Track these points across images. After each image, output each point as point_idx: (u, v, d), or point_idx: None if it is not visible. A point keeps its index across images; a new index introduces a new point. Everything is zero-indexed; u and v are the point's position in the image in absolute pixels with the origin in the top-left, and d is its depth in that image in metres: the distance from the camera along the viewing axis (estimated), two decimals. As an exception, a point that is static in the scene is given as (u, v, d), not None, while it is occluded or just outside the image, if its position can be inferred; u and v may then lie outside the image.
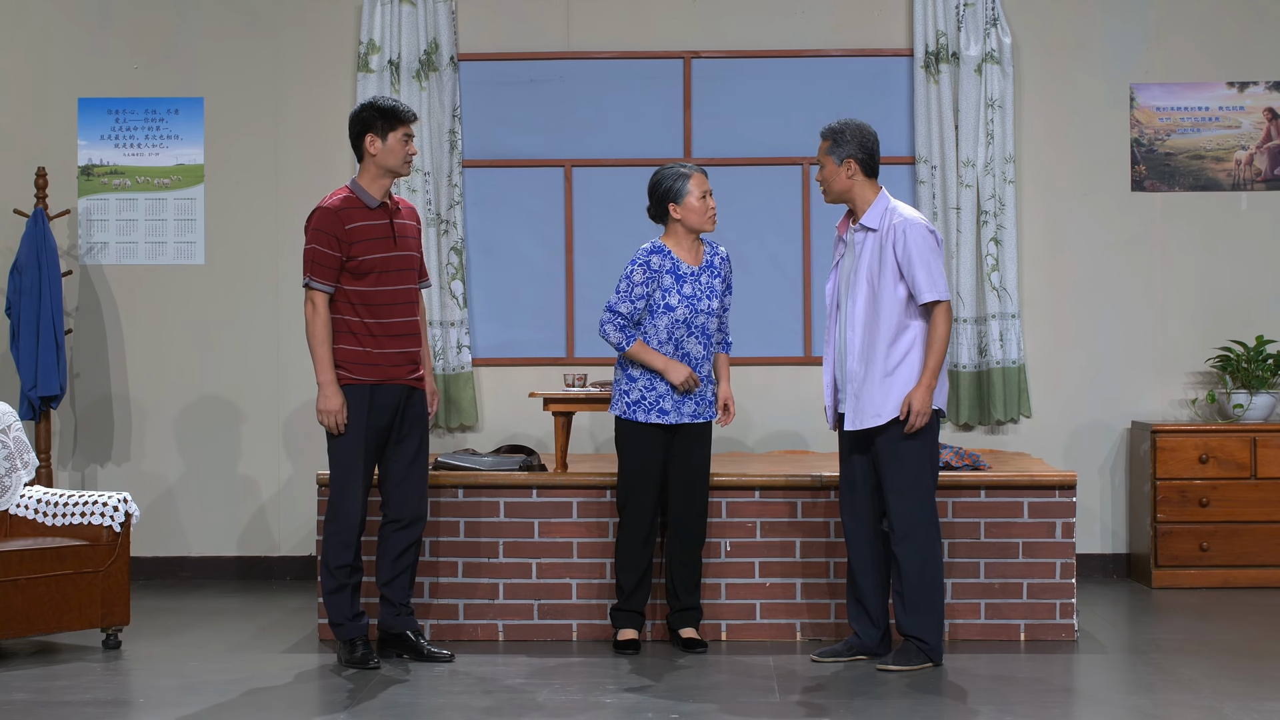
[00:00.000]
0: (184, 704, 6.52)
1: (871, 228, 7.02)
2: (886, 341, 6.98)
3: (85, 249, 9.54)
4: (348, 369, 7.12)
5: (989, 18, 9.32)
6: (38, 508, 7.69)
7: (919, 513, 7.02)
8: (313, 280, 7.09)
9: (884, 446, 7.03)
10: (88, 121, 9.56)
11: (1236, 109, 9.47)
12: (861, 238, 7.05)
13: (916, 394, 6.95)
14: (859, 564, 7.17)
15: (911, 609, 7.04)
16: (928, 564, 7.03)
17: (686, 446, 7.43)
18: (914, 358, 7.01)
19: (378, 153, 7.17)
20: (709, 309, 7.39)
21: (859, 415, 7.01)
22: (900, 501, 7.02)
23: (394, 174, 7.22)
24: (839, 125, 7.10)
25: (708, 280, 7.41)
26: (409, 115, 7.21)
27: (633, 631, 7.50)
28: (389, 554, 7.27)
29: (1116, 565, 9.45)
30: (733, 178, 9.50)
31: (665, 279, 7.37)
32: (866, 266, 7.00)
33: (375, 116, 7.18)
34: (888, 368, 6.97)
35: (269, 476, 9.53)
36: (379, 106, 7.20)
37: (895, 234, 6.98)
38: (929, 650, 7.06)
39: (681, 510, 7.44)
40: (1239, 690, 6.62)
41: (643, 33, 9.56)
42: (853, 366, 7.02)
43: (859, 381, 7.01)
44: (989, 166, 9.30)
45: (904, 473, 7.01)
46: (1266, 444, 9.02)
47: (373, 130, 7.17)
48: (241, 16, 9.56)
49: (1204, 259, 9.50)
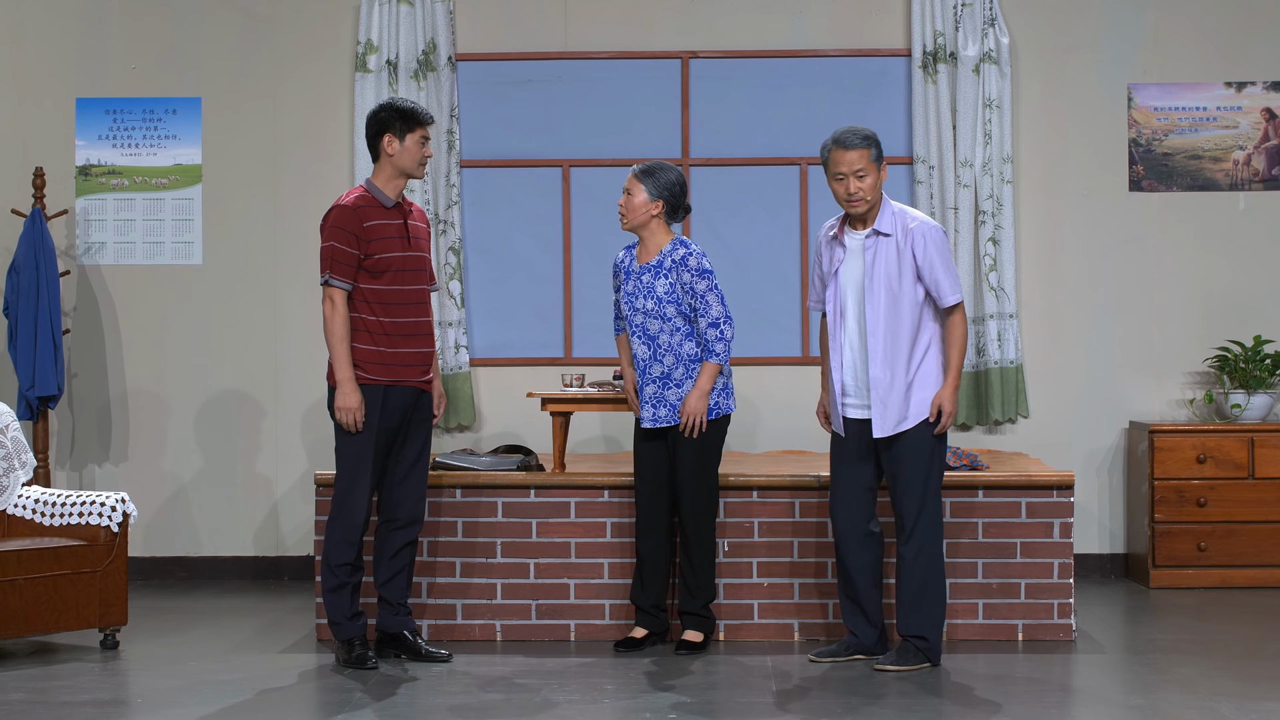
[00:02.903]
0: (182, 704, 6.52)
1: (886, 232, 7.01)
2: (909, 345, 6.99)
3: (83, 249, 9.54)
4: (363, 368, 7.12)
5: (987, 18, 9.33)
6: (35, 508, 7.69)
7: (927, 512, 7.03)
8: (332, 277, 7.09)
9: (901, 447, 7.03)
10: (85, 121, 9.56)
11: (1234, 109, 9.47)
12: (873, 242, 7.02)
13: (946, 396, 7.00)
14: (856, 565, 7.17)
15: (914, 608, 7.05)
16: (932, 563, 7.04)
17: (675, 452, 7.43)
18: (932, 359, 7.03)
19: (395, 153, 7.18)
20: (645, 309, 7.35)
21: (886, 420, 7.00)
22: (910, 501, 7.03)
23: (409, 175, 7.23)
24: (869, 132, 7.03)
25: (649, 279, 7.36)
26: (427, 118, 7.23)
27: (640, 630, 7.50)
28: (386, 554, 7.28)
29: (1114, 565, 9.45)
30: (730, 178, 9.51)
31: (619, 276, 7.49)
32: (884, 271, 6.98)
33: (394, 117, 7.19)
34: (911, 371, 6.99)
35: (267, 476, 9.53)
36: (398, 108, 7.21)
37: (914, 237, 6.97)
38: (928, 650, 7.06)
39: (680, 515, 7.46)
40: (1236, 690, 6.62)
41: (641, 33, 9.56)
42: (877, 373, 6.98)
43: (885, 387, 6.98)
44: (987, 166, 9.31)
45: (918, 473, 7.02)
46: (1264, 444, 9.02)
47: (390, 131, 7.18)
48: (239, 17, 9.55)
49: (1202, 259, 9.50)
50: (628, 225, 7.40)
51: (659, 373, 7.37)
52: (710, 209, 9.48)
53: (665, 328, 7.35)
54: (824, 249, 7.18)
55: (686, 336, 7.36)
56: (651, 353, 7.37)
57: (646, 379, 7.38)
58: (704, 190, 9.50)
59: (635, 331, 7.38)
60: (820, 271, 7.21)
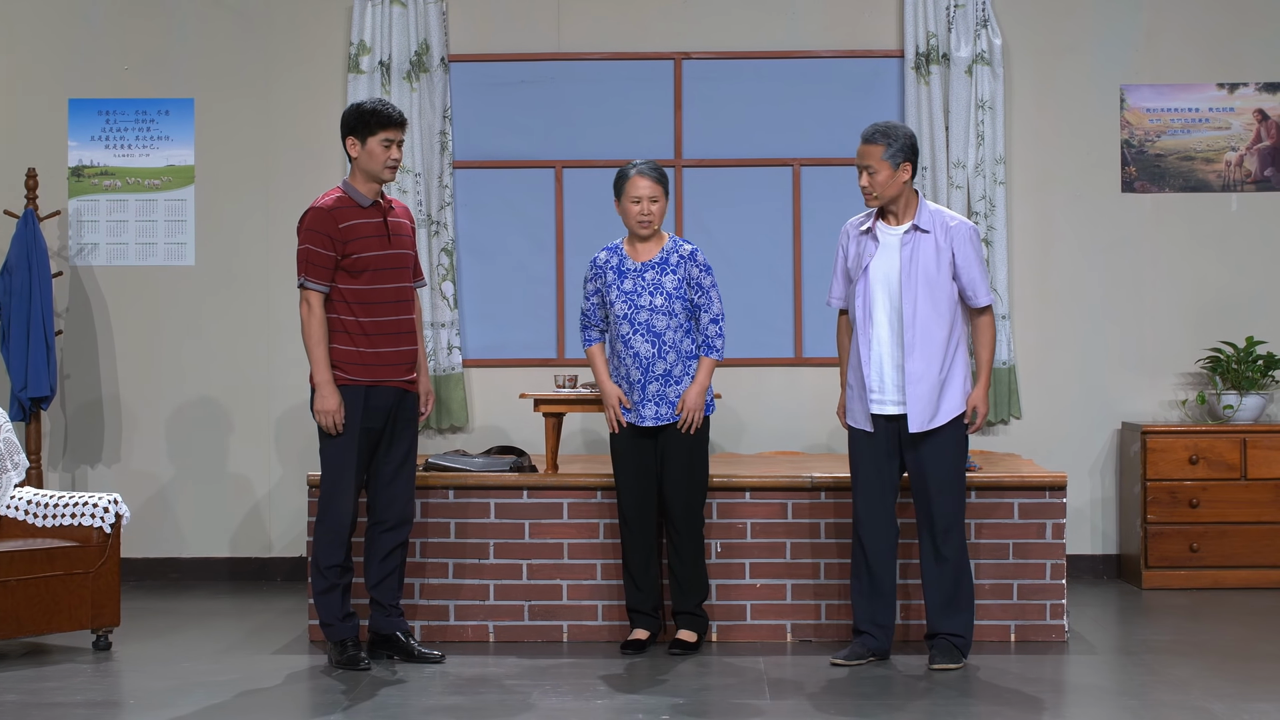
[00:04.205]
0: (175, 705, 6.52)
1: (925, 229, 7.02)
2: (944, 341, 7.02)
3: (75, 250, 9.53)
4: (343, 369, 7.10)
5: (979, 19, 9.33)
6: (28, 509, 7.68)
7: (959, 510, 7.09)
8: (307, 280, 7.07)
9: (933, 446, 7.05)
10: (78, 122, 9.55)
11: (1226, 110, 9.48)
12: (911, 238, 7.02)
13: (979, 396, 7.09)
14: (883, 565, 7.16)
15: (953, 607, 7.08)
16: (965, 560, 7.10)
17: (667, 449, 7.42)
18: (961, 357, 7.09)
19: (358, 157, 7.12)
20: (652, 306, 7.34)
21: (923, 415, 7.01)
22: (946, 500, 7.06)
23: (375, 179, 7.14)
24: (885, 128, 7.03)
25: (654, 277, 7.36)
26: (389, 120, 7.11)
27: (642, 632, 7.50)
28: (376, 556, 7.27)
29: (1106, 566, 9.46)
30: (723, 179, 9.51)
31: (609, 275, 7.40)
32: (923, 268, 7.00)
33: (355, 121, 7.12)
34: (945, 367, 7.02)
35: (260, 477, 9.53)
36: (360, 110, 7.13)
37: (953, 235, 7.02)
38: (964, 647, 7.09)
39: (669, 513, 7.44)
40: (1229, 691, 6.62)
41: (633, 34, 9.56)
42: (915, 367, 6.99)
43: (922, 381, 7.00)
44: (979, 167, 9.31)
45: (950, 471, 7.06)
46: (1256, 445, 9.03)
47: (354, 134, 7.12)
48: (232, 18, 9.55)
49: (1194, 260, 9.51)
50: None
51: (662, 370, 7.37)
52: (702, 210, 9.48)
53: (671, 324, 7.35)
54: (851, 243, 7.17)
55: (686, 333, 7.39)
56: (656, 350, 7.37)
57: (649, 376, 7.37)
58: (696, 191, 9.50)
59: (638, 330, 7.36)
60: (845, 266, 7.20)
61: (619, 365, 7.44)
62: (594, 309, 7.48)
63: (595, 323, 7.49)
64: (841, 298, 7.25)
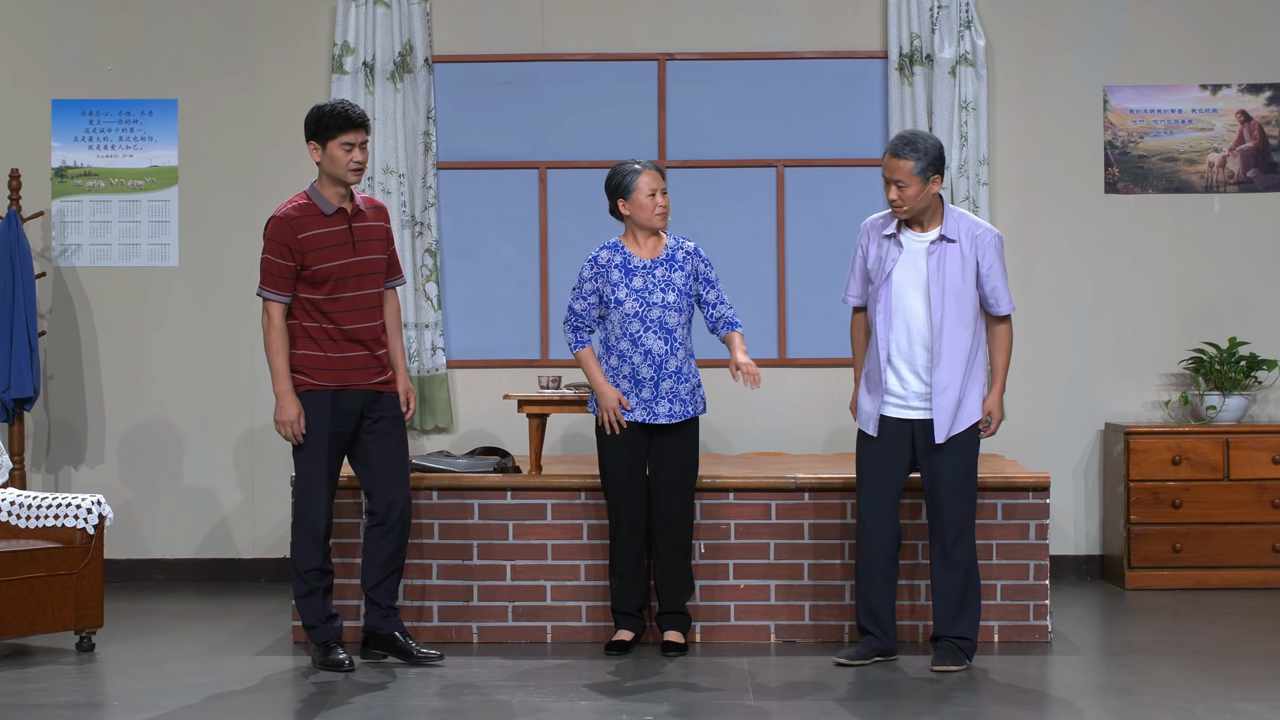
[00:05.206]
0: (158, 707, 6.51)
1: (951, 238, 7.00)
2: (968, 349, 7.03)
3: (59, 251, 9.52)
4: (308, 374, 7.07)
5: (963, 20, 9.35)
6: (11, 510, 7.67)
7: (971, 514, 7.10)
8: (266, 291, 7.04)
9: (951, 451, 7.06)
10: (61, 123, 9.54)
11: (1209, 111, 9.50)
12: (938, 247, 7.00)
13: (995, 402, 7.11)
14: (885, 566, 7.17)
15: (963, 610, 7.09)
16: (974, 564, 7.11)
17: (665, 448, 7.42)
18: (979, 363, 7.09)
19: (320, 160, 7.05)
20: (664, 302, 7.35)
21: (945, 425, 7.01)
22: (961, 504, 7.07)
23: (339, 182, 7.07)
24: (912, 139, 6.95)
25: (664, 273, 7.38)
26: (349, 122, 7.00)
27: (627, 633, 7.50)
28: (377, 557, 7.22)
29: (1090, 567, 9.47)
30: (707, 180, 9.52)
31: (614, 274, 7.38)
32: (950, 278, 6.98)
33: (315, 124, 7.03)
34: (969, 374, 7.04)
35: (243, 478, 9.52)
36: (320, 112, 7.04)
37: (979, 244, 7.01)
38: (970, 650, 7.10)
39: (663, 512, 7.44)
40: (1212, 691, 6.64)
41: (617, 35, 9.56)
42: (942, 379, 6.99)
43: (948, 392, 7.00)
44: (963, 169, 9.33)
45: (964, 476, 7.08)
46: (1239, 445, 9.05)
47: (315, 138, 7.04)
48: (215, 18, 9.54)
49: (1177, 261, 9.53)
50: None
51: (674, 367, 7.38)
52: (687, 211, 9.47)
53: (680, 320, 7.39)
54: (872, 245, 7.13)
55: (689, 330, 7.47)
56: (668, 346, 7.38)
57: (663, 374, 7.36)
58: (680, 192, 9.48)
59: (650, 327, 7.35)
60: (865, 267, 7.17)
61: (620, 365, 7.41)
62: (588, 310, 7.45)
63: (588, 324, 7.48)
64: (859, 296, 7.22)
